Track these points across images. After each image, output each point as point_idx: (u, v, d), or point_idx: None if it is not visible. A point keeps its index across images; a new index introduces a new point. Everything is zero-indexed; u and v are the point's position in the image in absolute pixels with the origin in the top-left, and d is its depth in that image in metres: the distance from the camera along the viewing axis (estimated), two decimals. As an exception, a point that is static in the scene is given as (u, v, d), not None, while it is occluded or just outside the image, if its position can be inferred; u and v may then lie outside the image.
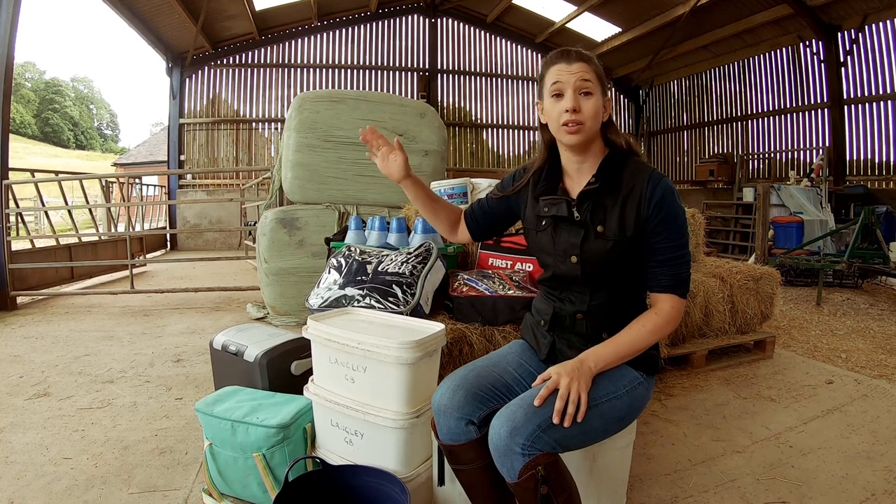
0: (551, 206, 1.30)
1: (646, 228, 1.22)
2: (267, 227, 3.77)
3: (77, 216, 6.44)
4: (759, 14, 7.96)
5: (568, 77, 1.22)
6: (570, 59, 1.23)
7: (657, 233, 1.23)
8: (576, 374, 1.13)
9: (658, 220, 1.22)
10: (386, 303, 1.92)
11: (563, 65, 1.23)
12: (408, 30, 11.21)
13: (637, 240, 1.23)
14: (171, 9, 8.31)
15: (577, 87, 1.22)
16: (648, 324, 1.23)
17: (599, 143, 1.30)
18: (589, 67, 1.23)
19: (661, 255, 1.23)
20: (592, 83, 1.22)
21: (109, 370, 2.89)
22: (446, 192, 2.94)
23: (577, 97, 1.22)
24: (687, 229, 1.26)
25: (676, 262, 1.24)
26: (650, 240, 1.23)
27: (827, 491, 1.71)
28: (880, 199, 6.74)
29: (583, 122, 1.22)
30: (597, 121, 1.24)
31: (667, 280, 1.24)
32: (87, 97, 51.87)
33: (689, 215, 3.15)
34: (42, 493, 1.67)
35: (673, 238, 1.23)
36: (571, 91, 1.22)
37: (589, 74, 1.22)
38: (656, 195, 1.21)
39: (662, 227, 1.22)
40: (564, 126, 1.23)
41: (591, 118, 1.22)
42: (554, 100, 1.25)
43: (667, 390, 2.60)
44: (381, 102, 4.02)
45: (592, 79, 1.23)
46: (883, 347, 3.37)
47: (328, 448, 1.56)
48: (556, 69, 1.24)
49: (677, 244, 1.24)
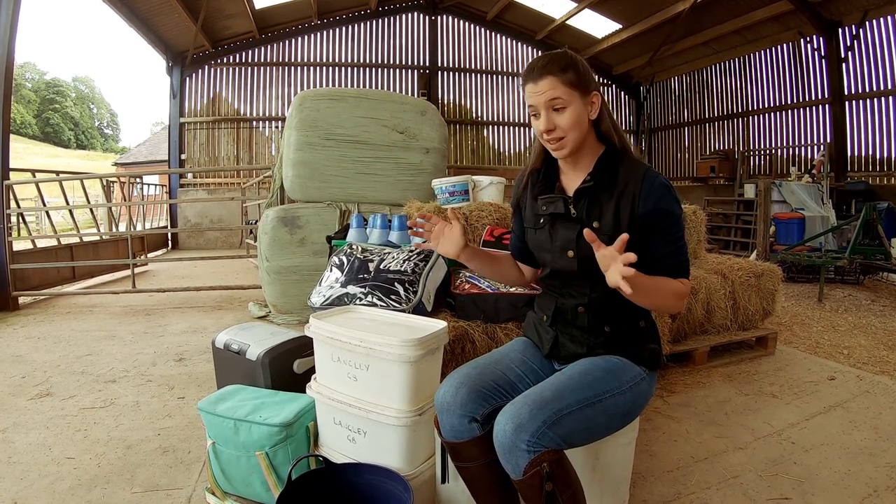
0: (548, 204, 1.32)
1: (641, 224, 1.23)
2: (268, 226, 3.77)
3: (78, 216, 6.45)
4: (760, 10, 7.94)
5: (537, 98, 1.23)
6: (535, 77, 1.23)
7: (655, 229, 1.23)
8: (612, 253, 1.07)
9: (652, 217, 1.22)
10: (388, 301, 1.92)
11: (531, 84, 1.24)
12: (408, 27, 11.19)
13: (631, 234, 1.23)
14: (171, 8, 8.30)
15: (548, 105, 1.22)
16: (672, 283, 1.22)
17: (592, 141, 1.30)
18: (556, 81, 1.21)
19: (661, 248, 1.24)
20: (563, 97, 1.21)
21: (112, 370, 2.89)
22: (448, 190, 2.94)
23: (549, 116, 1.23)
24: (682, 221, 1.28)
25: (677, 252, 1.25)
26: (649, 236, 1.24)
27: (829, 487, 1.71)
28: (882, 195, 6.72)
29: (562, 136, 1.24)
30: (578, 129, 1.24)
31: (673, 268, 1.25)
32: (87, 97, 51.84)
33: (690, 212, 3.15)
34: (45, 493, 1.67)
35: (670, 231, 1.24)
36: (544, 111, 1.23)
37: (557, 90, 1.21)
38: (650, 193, 1.22)
39: (658, 223, 1.23)
40: (547, 143, 1.27)
41: (569, 131, 1.23)
42: (533, 119, 1.27)
43: (669, 387, 2.60)
44: (381, 100, 4.02)
45: (562, 92, 1.21)
46: (885, 343, 3.37)
47: (331, 446, 1.57)
48: (527, 90, 1.25)
49: (674, 237, 1.25)
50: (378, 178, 3.94)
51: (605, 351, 1.29)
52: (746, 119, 9.39)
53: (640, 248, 1.25)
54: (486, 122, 11.62)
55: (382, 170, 3.96)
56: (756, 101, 9.19)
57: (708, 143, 10.30)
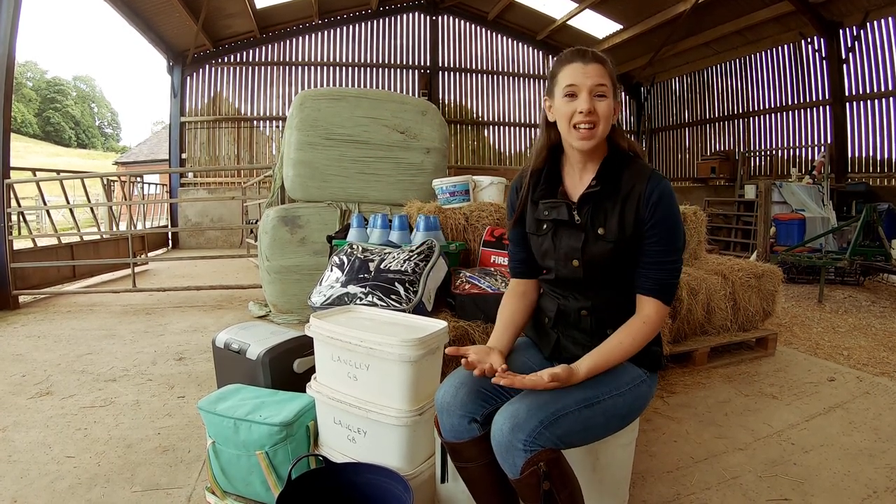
0: (551, 209, 1.29)
1: (642, 228, 1.22)
2: (269, 225, 3.77)
3: (79, 215, 6.45)
4: (761, 11, 7.93)
5: (583, 79, 1.20)
6: (587, 59, 1.21)
7: (651, 234, 1.22)
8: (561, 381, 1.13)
9: (653, 220, 1.21)
10: (388, 300, 1.92)
11: (580, 64, 1.21)
12: (409, 27, 11.19)
13: (636, 238, 1.23)
14: (172, 7, 8.30)
15: (592, 89, 1.20)
16: (634, 332, 1.22)
17: (602, 145, 1.28)
18: (604, 70, 1.21)
19: (652, 256, 1.23)
20: (607, 87, 1.21)
21: (112, 369, 2.89)
22: (448, 190, 2.94)
23: (591, 99, 1.20)
24: (682, 236, 1.25)
25: (665, 267, 1.23)
26: (643, 239, 1.23)
27: (829, 488, 1.71)
28: (882, 196, 6.72)
29: (596, 123, 1.20)
30: (609, 124, 1.23)
31: (652, 284, 1.23)
32: (88, 96, 51.81)
33: (690, 213, 3.14)
34: (45, 492, 1.68)
35: (665, 241, 1.22)
36: (586, 93, 1.20)
37: (604, 78, 1.21)
38: (654, 196, 1.20)
39: (657, 227, 1.21)
40: (575, 129, 1.22)
41: (604, 120, 1.21)
42: (567, 99, 1.22)
43: (669, 387, 2.60)
44: (382, 100, 4.02)
45: (607, 82, 1.21)
46: (885, 345, 3.37)
47: (331, 446, 1.57)
48: (571, 68, 1.22)
49: (668, 248, 1.22)
50: (379, 178, 3.94)
51: None
52: (747, 120, 9.38)
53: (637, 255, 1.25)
54: (487, 122, 11.62)
55: (383, 170, 3.96)
56: (757, 102, 9.18)
57: (708, 144, 10.29)
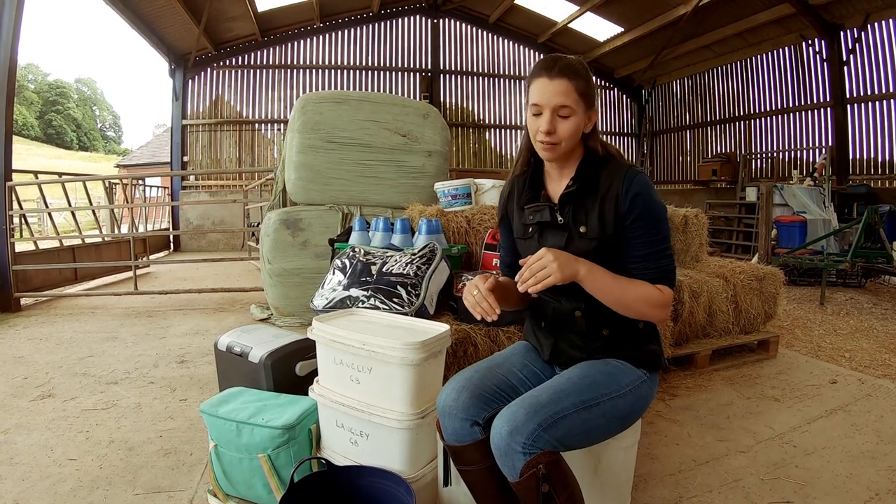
0: (535, 213, 1.31)
1: (624, 224, 1.23)
2: (270, 228, 3.78)
3: (80, 217, 6.47)
4: (761, 13, 7.94)
5: (547, 98, 1.20)
6: (553, 73, 1.20)
7: (635, 227, 1.23)
8: (562, 264, 1.13)
9: (635, 214, 1.22)
10: (390, 303, 1.92)
11: (545, 80, 1.21)
12: (410, 30, 11.21)
13: (618, 236, 1.24)
14: (174, 10, 8.33)
15: (555, 108, 1.20)
16: (647, 287, 1.22)
17: (579, 149, 1.30)
18: (570, 86, 1.20)
19: (642, 249, 1.23)
20: (572, 106, 1.20)
21: (113, 371, 2.90)
22: (450, 193, 2.94)
23: (553, 119, 1.21)
24: (666, 224, 1.26)
25: (659, 256, 1.24)
26: (629, 235, 1.23)
27: (831, 491, 1.71)
28: (883, 198, 6.71)
29: (557, 143, 1.22)
30: (573, 139, 1.24)
31: (653, 273, 1.23)
32: (90, 99, 51.99)
33: (692, 215, 3.15)
34: (47, 495, 1.68)
35: (651, 232, 1.23)
36: (549, 112, 1.21)
37: (569, 97, 1.20)
38: (632, 190, 1.22)
39: (640, 221, 1.22)
40: (540, 143, 1.24)
41: (566, 140, 1.23)
42: (532, 117, 1.24)
43: (671, 390, 2.60)
44: (384, 103, 4.03)
45: (573, 101, 1.20)
46: (886, 347, 3.36)
47: (333, 449, 1.57)
48: (537, 84, 1.22)
49: (656, 238, 1.23)
50: (380, 181, 3.95)
51: (604, 354, 1.29)
52: (748, 122, 9.38)
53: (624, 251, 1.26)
54: (489, 125, 11.63)
55: (385, 173, 3.96)
56: (758, 105, 9.19)
57: (710, 147, 10.29)
